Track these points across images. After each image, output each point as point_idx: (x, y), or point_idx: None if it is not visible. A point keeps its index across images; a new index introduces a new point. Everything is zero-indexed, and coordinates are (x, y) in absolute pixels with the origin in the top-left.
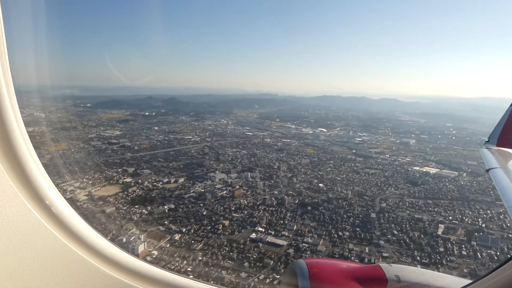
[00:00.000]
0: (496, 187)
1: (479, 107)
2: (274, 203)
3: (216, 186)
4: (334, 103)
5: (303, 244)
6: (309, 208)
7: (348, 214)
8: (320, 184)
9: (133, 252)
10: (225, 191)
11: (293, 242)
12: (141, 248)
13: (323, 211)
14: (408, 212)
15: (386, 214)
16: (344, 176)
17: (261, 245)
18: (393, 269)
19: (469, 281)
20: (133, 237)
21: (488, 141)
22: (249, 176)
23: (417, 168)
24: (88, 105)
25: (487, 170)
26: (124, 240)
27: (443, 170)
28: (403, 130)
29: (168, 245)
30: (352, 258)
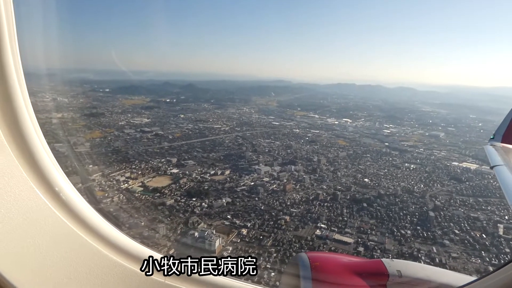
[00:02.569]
0: (500, 184)
1: (498, 97)
2: (328, 199)
3: (263, 179)
4: (350, 91)
5: (370, 242)
6: (364, 204)
7: (404, 211)
8: (366, 179)
9: (210, 248)
10: (274, 185)
11: (359, 240)
12: (217, 244)
13: (377, 207)
14: (462, 210)
15: (442, 212)
16: (386, 171)
17: (328, 242)
18: (395, 264)
19: (471, 278)
20: (206, 232)
21: (493, 138)
22: (293, 169)
23: (456, 163)
24: (107, 90)
25: (492, 167)
26: (197, 234)
27: (483, 166)
28: (428, 121)
29: (238, 240)
30: (423, 258)
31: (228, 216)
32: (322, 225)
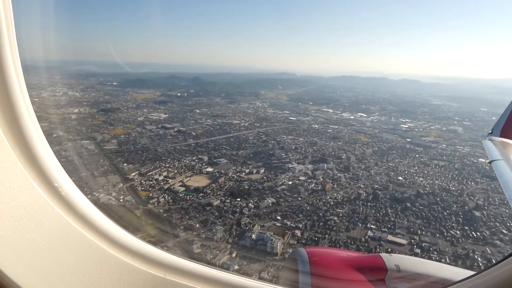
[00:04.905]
0: (498, 179)
1: (504, 89)
2: (370, 198)
3: (299, 178)
4: (356, 84)
5: (424, 243)
6: (407, 204)
7: (447, 210)
8: (400, 177)
9: (272, 250)
10: (312, 184)
11: (412, 241)
12: (278, 246)
13: (420, 207)
14: (504, 209)
15: (484, 212)
16: (416, 168)
17: (382, 243)
18: (394, 259)
19: (470, 273)
20: (265, 235)
21: (491, 132)
22: (325, 168)
23: (482, 160)
24: (115, 83)
25: (490, 162)
26: (254, 237)
27: None
28: (442, 115)
29: (295, 242)
30: (479, 259)
31: (278, 217)
32: (372, 226)
